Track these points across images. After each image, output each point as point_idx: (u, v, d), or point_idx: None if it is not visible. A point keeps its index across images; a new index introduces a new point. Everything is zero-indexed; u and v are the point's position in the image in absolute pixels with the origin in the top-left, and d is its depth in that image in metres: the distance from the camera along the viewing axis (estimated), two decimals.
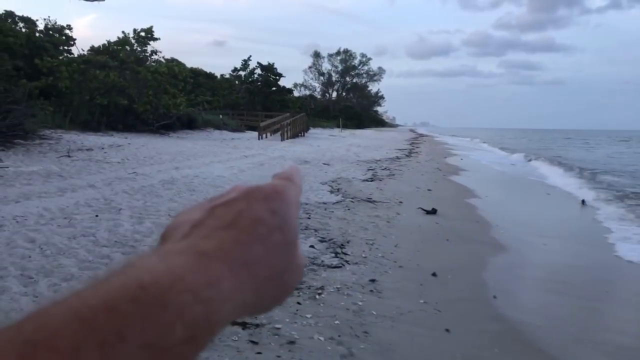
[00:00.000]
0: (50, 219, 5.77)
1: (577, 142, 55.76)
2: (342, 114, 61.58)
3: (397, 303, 4.01)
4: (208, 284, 0.28)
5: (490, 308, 4.16)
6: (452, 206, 8.87)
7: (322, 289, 4.15)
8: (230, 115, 33.96)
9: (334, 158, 17.00)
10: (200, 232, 0.32)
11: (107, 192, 7.64)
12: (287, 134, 27.23)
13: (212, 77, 42.31)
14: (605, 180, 15.18)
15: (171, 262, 0.28)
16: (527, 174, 17.18)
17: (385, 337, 3.39)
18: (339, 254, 5.21)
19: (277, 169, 0.43)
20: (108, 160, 11.78)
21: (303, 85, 78.20)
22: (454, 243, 6.22)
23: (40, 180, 8.34)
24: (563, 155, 28.78)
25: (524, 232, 7.29)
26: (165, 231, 0.35)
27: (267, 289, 0.32)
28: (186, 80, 25.36)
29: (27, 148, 12.41)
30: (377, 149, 24.01)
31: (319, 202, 8.19)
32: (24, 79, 16.67)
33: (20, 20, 23.66)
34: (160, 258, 0.29)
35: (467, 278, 4.88)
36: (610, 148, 43.82)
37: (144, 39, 24.96)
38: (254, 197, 0.35)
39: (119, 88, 19.86)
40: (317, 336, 3.29)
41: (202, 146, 18.10)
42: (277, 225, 0.34)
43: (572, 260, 6.05)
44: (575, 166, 19.95)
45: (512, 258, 5.81)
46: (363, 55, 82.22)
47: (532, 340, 3.63)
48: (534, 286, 5.08)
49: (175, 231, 0.34)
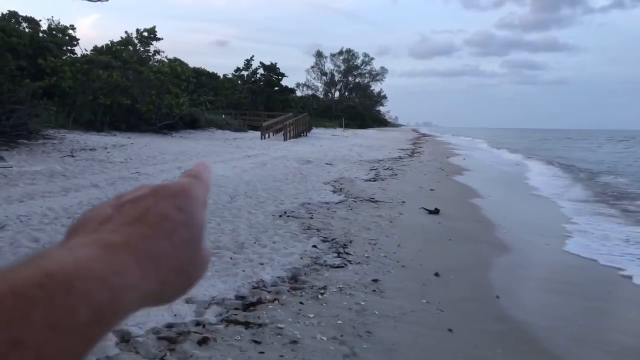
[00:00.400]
0: (54, 219, 5.79)
1: (580, 143, 55.64)
2: (345, 114, 61.55)
3: (400, 303, 4.01)
4: (114, 272, 0.29)
5: (493, 308, 4.15)
6: (455, 206, 8.86)
7: (325, 289, 4.16)
8: (233, 115, 34.00)
9: (337, 158, 17.00)
10: (108, 227, 0.34)
11: (111, 192, 7.66)
12: (290, 134, 27.23)
13: (215, 77, 42.33)
14: (601, 181, 15.24)
15: (78, 253, 0.30)
16: (523, 175, 17.15)
17: (388, 337, 3.39)
18: (342, 254, 5.21)
19: (279, 169, 0.44)
20: (111, 160, 11.81)
21: (306, 85, 78.21)
22: (457, 243, 6.22)
23: (44, 180, 8.37)
24: (562, 156, 28.80)
25: (527, 232, 7.28)
26: (72, 227, 0.36)
27: (171, 281, 0.34)
28: (189, 81, 25.35)
29: (31, 148, 12.45)
30: (379, 149, 24.00)
31: (321, 202, 8.19)
32: (28, 79, 16.71)
33: (24, 21, 23.74)
34: (67, 250, 0.30)
35: (470, 278, 4.88)
36: (612, 148, 43.70)
37: (147, 39, 25.03)
38: (162, 194, 0.37)
39: (122, 88, 19.90)
40: (320, 336, 3.30)
41: (205, 146, 18.13)
42: (183, 221, 0.35)
43: (574, 260, 6.03)
44: (574, 167, 20.08)
45: (515, 258, 5.80)
46: (366, 55, 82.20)
47: (535, 340, 3.63)
48: (537, 286, 5.07)
49: (83, 227, 0.35)
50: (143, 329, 3.14)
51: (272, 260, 4.83)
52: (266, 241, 5.49)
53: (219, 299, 3.76)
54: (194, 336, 3.11)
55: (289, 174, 11.42)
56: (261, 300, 3.80)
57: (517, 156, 26.98)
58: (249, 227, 6.06)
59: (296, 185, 9.85)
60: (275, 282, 4.23)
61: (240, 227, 6.04)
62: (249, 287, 4.06)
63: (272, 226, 6.22)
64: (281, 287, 4.14)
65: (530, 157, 26.03)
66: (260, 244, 5.38)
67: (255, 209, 7.15)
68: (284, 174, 11.35)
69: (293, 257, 4.99)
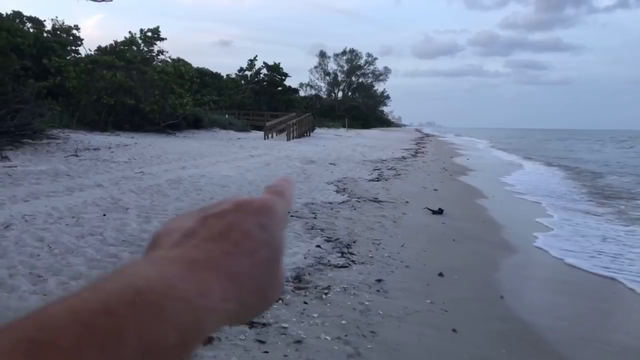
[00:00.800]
0: (59, 218, 5.81)
1: (583, 143, 55.52)
2: (348, 113, 61.58)
3: (403, 303, 4.00)
4: (199, 293, 0.29)
5: (497, 308, 4.15)
6: (459, 206, 8.85)
7: (329, 289, 4.16)
8: (236, 115, 34.05)
9: (340, 158, 16.99)
10: (191, 241, 0.33)
11: (115, 191, 7.68)
12: (293, 133, 27.24)
13: (218, 77, 42.44)
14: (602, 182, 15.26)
15: (164, 270, 0.29)
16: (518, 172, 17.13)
17: (392, 337, 3.39)
18: (346, 254, 5.21)
19: (283, 169, 0.44)
20: (115, 159, 11.84)
21: (309, 85, 78.32)
22: (461, 243, 6.21)
23: (48, 180, 8.40)
24: (562, 156, 28.77)
25: (530, 232, 7.26)
26: (155, 237, 0.35)
27: (249, 301, 0.33)
28: (192, 80, 25.38)
29: (35, 147, 12.49)
30: (383, 149, 23.98)
31: (325, 201, 8.19)
32: (32, 78, 16.77)
33: (28, 21, 23.83)
34: (153, 265, 0.30)
35: (474, 278, 4.87)
36: (614, 147, 43.59)
37: (150, 39, 25.09)
38: (246, 210, 0.36)
39: (125, 88, 19.95)
40: (324, 336, 3.30)
41: (208, 146, 18.15)
42: (265, 240, 0.35)
43: (577, 260, 6.01)
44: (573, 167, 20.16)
45: (519, 258, 5.79)
46: (369, 55, 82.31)
47: (539, 340, 3.62)
48: (541, 286, 5.06)
49: (166, 238, 0.34)
50: None
51: None
52: None
53: None
54: None
55: (292, 174, 11.42)
56: None
57: (518, 156, 26.97)
58: None
59: (299, 184, 9.85)
60: None
61: None
62: None
63: None
64: (285, 286, 4.14)
65: (532, 157, 26.00)
66: None
67: None
68: (287, 174, 11.35)
69: (297, 256, 5.00)
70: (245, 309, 0.33)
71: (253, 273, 0.33)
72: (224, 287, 0.31)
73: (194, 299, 0.28)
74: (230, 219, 0.35)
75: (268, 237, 0.35)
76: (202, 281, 0.30)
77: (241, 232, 0.34)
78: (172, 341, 0.26)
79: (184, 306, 0.28)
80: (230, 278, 0.32)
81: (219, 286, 0.30)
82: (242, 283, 0.32)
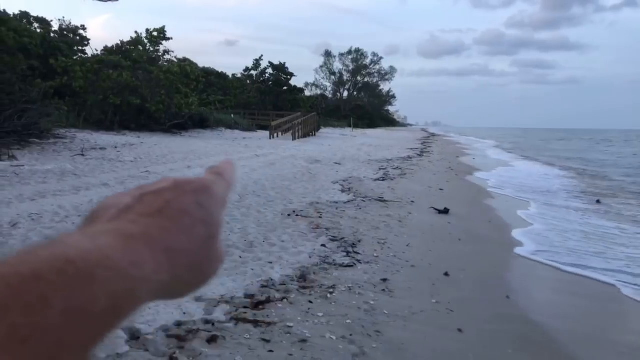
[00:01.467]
0: (65, 217, 5.84)
1: (586, 142, 55.18)
2: (354, 113, 61.54)
3: (409, 302, 3.99)
4: (131, 263, 0.30)
5: (503, 308, 4.12)
6: (464, 206, 8.82)
7: (334, 288, 4.15)
8: (241, 114, 34.08)
9: (345, 157, 16.97)
10: (127, 216, 0.34)
11: (121, 190, 7.67)
12: (299, 133, 27.25)
13: (224, 76, 42.47)
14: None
15: (99, 241, 0.30)
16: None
17: (397, 336, 3.38)
18: (351, 253, 5.20)
19: (288, 168, 0.43)
20: (121, 159, 11.89)
21: (314, 84, 78.30)
22: (466, 243, 6.18)
23: (55, 179, 8.44)
24: (561, 155, 28.61)
25: (534, 232, 7.22)
26: (91, 213, 0.36)
27: (183, 276, 0.34)
28: (198, 80, 25.43)
29: (42, 147, 12.57)
30: (388, 149, 23.94)
31: (330, 201, 8.18)
32: (39, 78, 16.88)
33: (35, 21, 23.98)
34: (88, 237, 0.30)
35: (479, 278, 4.85)
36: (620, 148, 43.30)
37: (156, 39, 25.14)
38: (183, 189, 0.37)
39: (131, 88, 20.02)
40: (328, 335, 3.29)
41: (214, 145, 18.19)
42: (202, 218, 0.36)
43: (581, 261, 5.98)
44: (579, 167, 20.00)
45: (524, 257, 5.75)
46: (374, 55, 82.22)
47: (545, 340, 3.60)
48: (547, 286, 5.03)
49: (103, 213, 0.35)
50: (152, 326, 3.15)
51: (280, 258, 4.83)
52: (275, 240, 5.49)
53: (228, 297, 3.77)
54: (203, 334, 3.12)
55: (297, 173, 11.42)
56: (270, 299, 3.80)
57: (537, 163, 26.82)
58: (257, 226, 6.06)
59: (305, 184, 9.85)
60: (284, 281, 4.23)
61: (249, 225, 6.05)
62: (258, 286, 4.06)
63: (281, 225, 6.23)
64: (290, 285, 4.14)
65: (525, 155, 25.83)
66: (269, 242, 5.38)
67: (264, 208, 7.16)
68: (292, 173, 11.35)
69: (302, 255, 4.99)
70: (181, 282, 0.34)
71: (188, 248, 0.34)
72: (157, 260, 0.32)
73: (127, 268, 0.29)
74: (167, 196, 0.36)
75: (205, 215, 0.36)
76: (136, 252, 0.31)
77: (178, 209, 0.35)
78: (102, 306, 0.27)
79: (116, 275, 0.28)
80: (165, 252, 0.32)
81: (153, 259, 0.31)
82: (177, 257, 0.33)
